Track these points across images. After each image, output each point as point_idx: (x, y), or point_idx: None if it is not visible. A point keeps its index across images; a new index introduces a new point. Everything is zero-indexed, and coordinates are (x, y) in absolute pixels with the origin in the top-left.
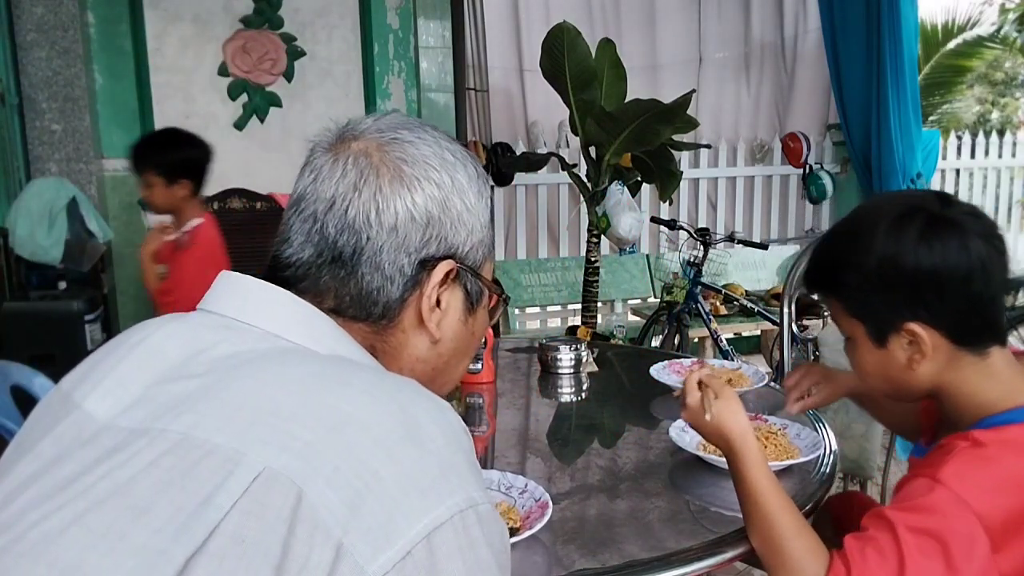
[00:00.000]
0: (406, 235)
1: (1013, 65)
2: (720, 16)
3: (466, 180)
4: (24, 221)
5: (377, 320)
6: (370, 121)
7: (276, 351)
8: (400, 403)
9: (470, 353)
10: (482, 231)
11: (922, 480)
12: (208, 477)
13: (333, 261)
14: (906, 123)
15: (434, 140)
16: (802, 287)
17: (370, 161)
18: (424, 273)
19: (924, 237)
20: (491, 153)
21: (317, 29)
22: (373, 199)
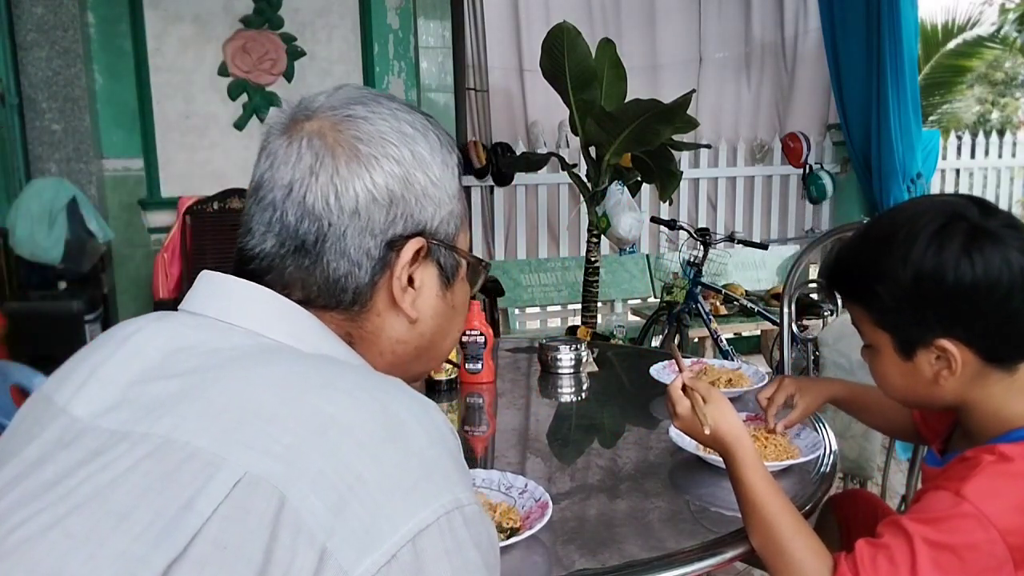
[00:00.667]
0: (369, 217)
1: (1013, 65)
2: (720, 16)
3: (428, 152)
4: (24, 221)
5: (349, 307)
6: (323, 98)
7: (259, 350)
8: (383, 404)
9: (456, 326)
10: (451, 202)
11: (944, 493)
12: (189, 481)
13: (296, 250)
14: (906, 123)
15: (390, 113)
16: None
17: (325, 142)
18: (392, 254)
19: (966, 251)
20: (491, 153)
21: (317, 29)
22: (331, 183)
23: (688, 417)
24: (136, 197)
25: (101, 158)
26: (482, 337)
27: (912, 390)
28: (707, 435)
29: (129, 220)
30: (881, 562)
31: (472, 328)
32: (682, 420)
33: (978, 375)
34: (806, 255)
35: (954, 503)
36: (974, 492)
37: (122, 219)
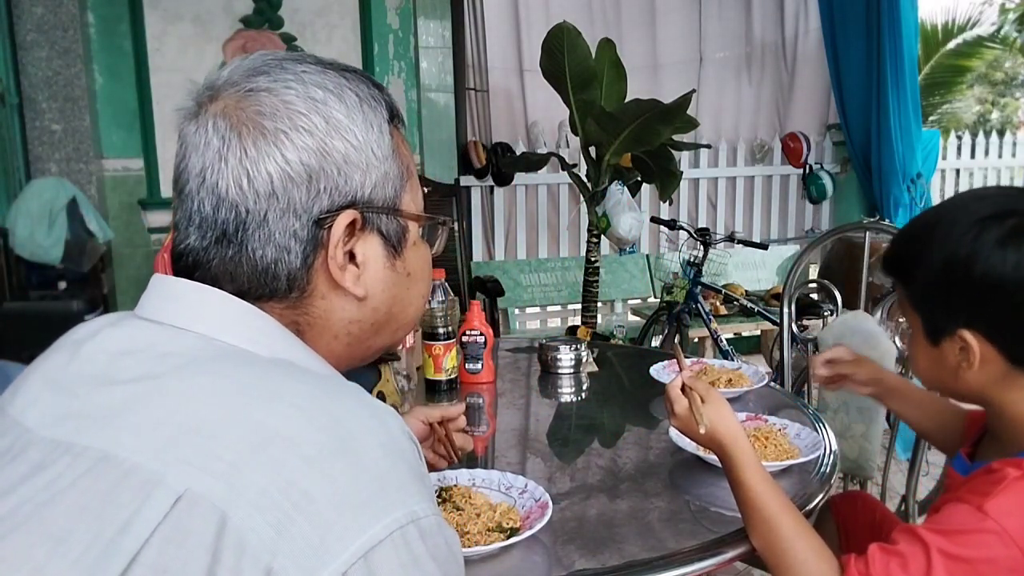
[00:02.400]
0: (288, 197)
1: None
2: (720, 16)
3: (345, 114)
4: (24, 221)
5: (286, 295)
6: (226, 73)
7: (209, 357)
8: (334, 416)
9: (416, 293)
10: (383, 164)
11: (966, 507)
12: (126, 501)
13: (218, 241)
14: (906, 123)
15: (296, 78)
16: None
17: (229, 123)
18: (323, 232)
19: (1002, 244)
20: (491, 153)
21: (317, 29)
22: (241, 166)
23: (685, 416)
24: (136, 197)
25: (101, 158)
26: (482, 337)
27: (937, 377)
28: (704, 436)
29: (129, 220)
30: (894, 569)
31: (472, 328)
32: (679, 420)
33: (1004, 377)
34: (806, 255)
35: (977, 519)
36: (997, 509)
37: (122, 219)
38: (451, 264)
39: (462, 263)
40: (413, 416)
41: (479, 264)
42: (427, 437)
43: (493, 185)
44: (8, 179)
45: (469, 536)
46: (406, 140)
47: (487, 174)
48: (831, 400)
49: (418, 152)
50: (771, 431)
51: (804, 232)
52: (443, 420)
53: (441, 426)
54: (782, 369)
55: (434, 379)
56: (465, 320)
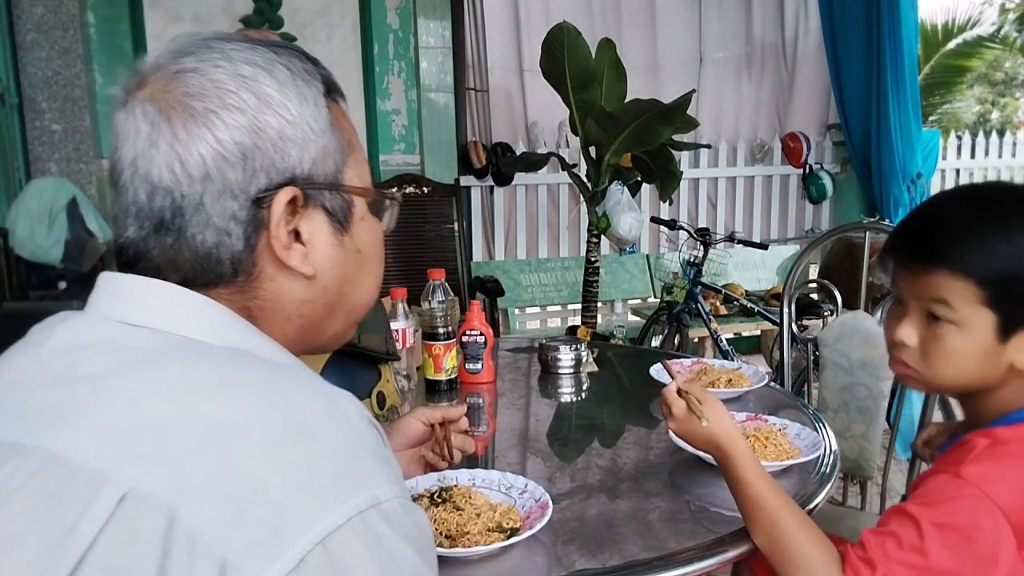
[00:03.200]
0: (224, 178)
1: (1013, 65)
2: (720, 16)
3: (276, 89)
4: (24, 221)
5: (233, 279)
6: (154, 58)
7: (161, 352)
8: (288, 403)
9: (369, 271)
10: (320, 138)
11: (944, 476)
12: (73, 501)
13: (157, 230)
14: (906, 123)
15: (223, 56)
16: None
17: (158, 107)
18: (263, 211)
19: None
20: (491, 153)
21: (317, 29)
22: (172, 150)
23: (684, 417)
24: None
25: (101, 158)
26: (482, 337)
27: (980, 372)
28: (702, 437)
29: None
30: (891, 547)
31: (472, 328)
32: (678, 421)
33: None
34: (806, 255)
35: (957, 485)
36: (974, 474)
37: None
38: (451, 264)
39: (462, 263)
40: (414, 416)
41: (479, 264)
42: (428, 438)
43: (493, 185)
44: (8, 179)
45: (469, 536)
46: (346, 114)
47: (487, 174)
48: (831, 400)
49: (418, 152)
50: (771, 431)
51: (804, 232)
52: (444, 421)
53: (442, 427)
54: (782, 369)
55: (434, 379)
56: (465, 320)
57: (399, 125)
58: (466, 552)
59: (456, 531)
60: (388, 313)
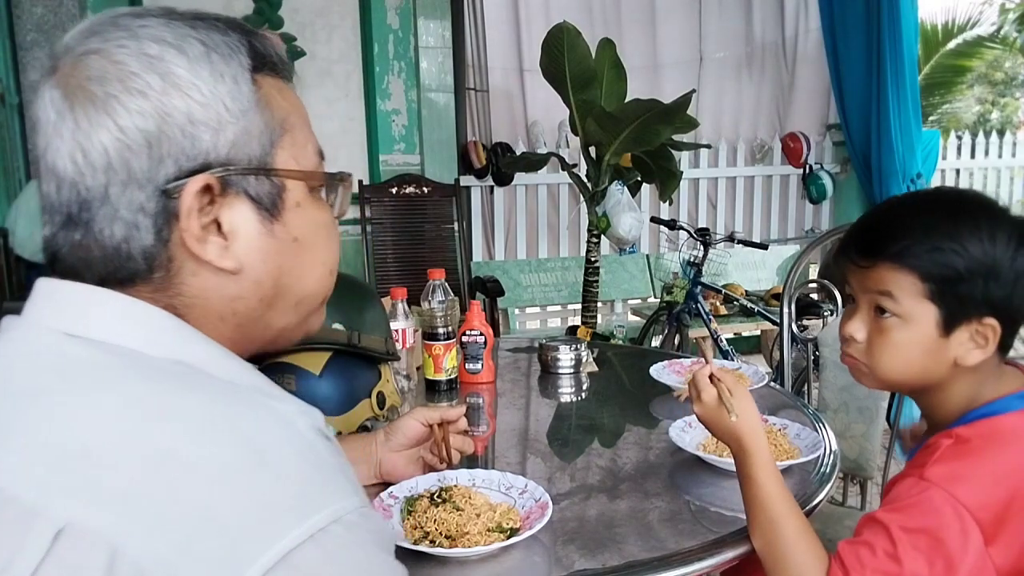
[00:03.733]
0: (128, 168)
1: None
2: (721, 16)
3: (187, 68)
4: (24, 221)
5: (150, 276)
6: (68, 36)
7: (97, 367)
8: (239, 430)
9: (312, 261)
10: (241, 119)
11: (910, 480)
12: (6, 537)
13: (65, 226)
14: (906, 123)
15: (129, 35)
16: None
17: (63, 93)
18: (172, 202)
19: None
20: (491, 153)
21: (317, 29)
22: (74, 140)
23: (713, 405)
24: None
25: None
26: (482, 337)
27: (923, 369)
28: (725, 429)
29: None
30: (865, 556)
31: (472, 328)
32: (705, 407)
33: (988, 364)
34: (806, 255)
35: (921, 488)
36: (938, 474)
37: None
38: (451, 264)
39: (462, 263)
40: (412, 417)
41: (479, 264)
42: (427, 438)
43: (493, 185)
44: (8, 179)
45: (469, 536)
46: (287, 90)
47: (487, 174)
48: (831, 400)
49: (418, 152)
50: (771, 431)
51: (804, 232)
52: (443, 422)
53: (440, 428)
54: (782, 369)
55: (434, 379)
56: (465, 320)
57: (399, 125)
58: (466, 552)
59: (456, 531)
60: (388, 313)
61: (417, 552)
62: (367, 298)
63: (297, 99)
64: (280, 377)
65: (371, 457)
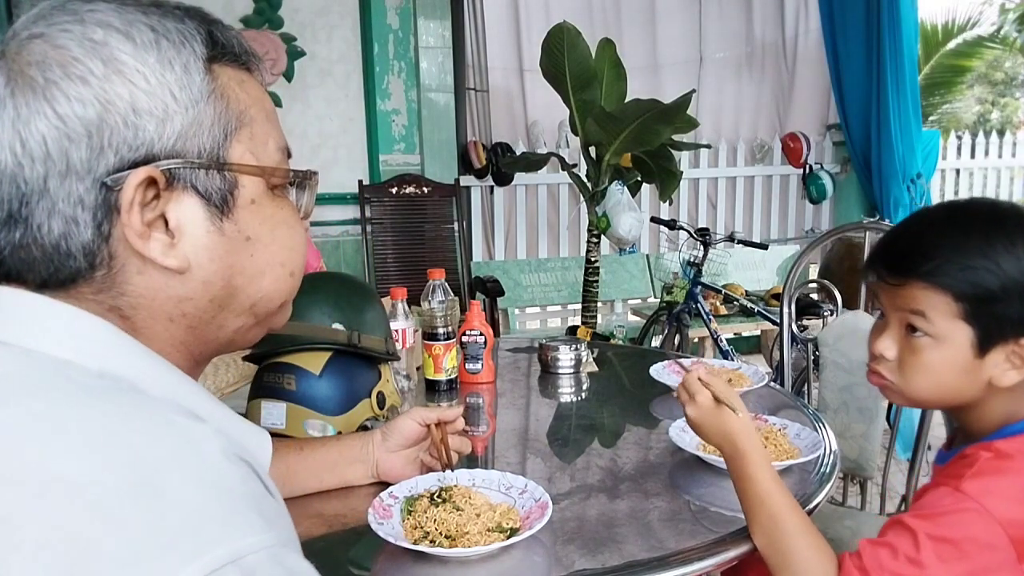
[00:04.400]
0: (66, 159)
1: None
2: (721, 16)
3: (131, 53)
4: None
5: (91, 275)
6: (15, 25)
7: (13, 376)
8: (132, 449)
9: (267, 261)
10: (189, 109)
11: (944, 489)
12: None
13: (5, 224)
14: (906, 123)
15: (75, 19)
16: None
17: (7, 78)
18: (113, 195)
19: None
20: (491, 153)
21: (317, 29)
22: (13, 129)
23: (709, 406)
24: None
25: None
26: (482, 337)
27: (956, 390)
28: (719, 429)
29: None
30: (885, 557)
31: (472, 328)
32: (700, 408)
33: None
34: (806, 255)
35: (956, 499)
36: (974, 487)
37: None
38: (451, 264)
39: (462, 263)
40: (410, 417)
41: (479, 264)
42: (424, 439)
43: (493, 185)
44: None
45: (469, 536)
46: (248, 82)
47: (487, 174)
48: (831, 400)
49: (418, 152)
50: (771, 431)
51: (804, 232)
52: (440, 422)
53: (438, 428)
54: (782, 369)
55: (434, 379)
56: (465, 320)
57: (399, 125)
58: (466, 552)
59: (456, 531)
60: (388, 313)
61: (417, 552)
62: (367, 298)
63: (261, 92)
64: (280, 377)
65: (368, 457)
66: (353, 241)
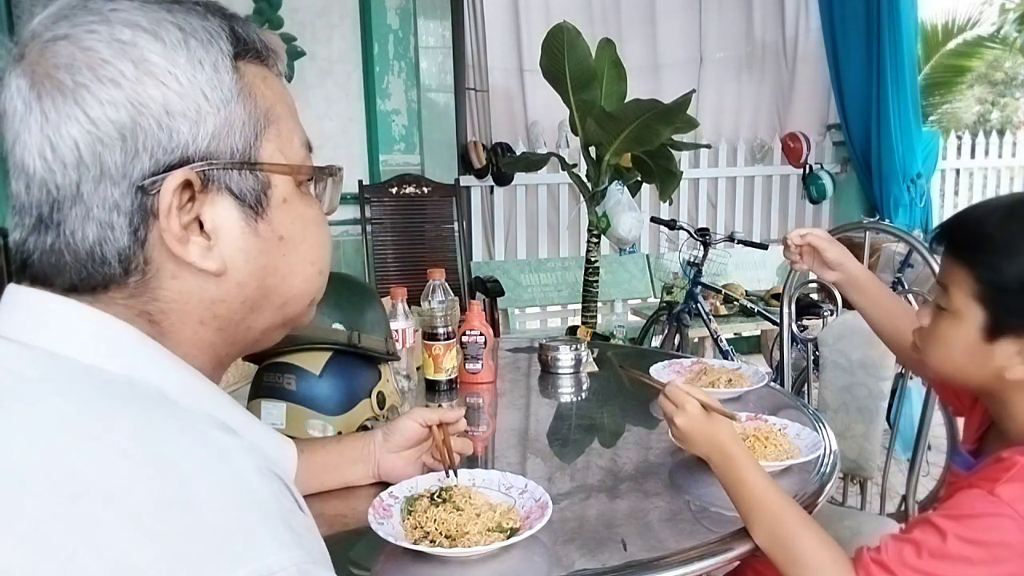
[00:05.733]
0: (100, 164)
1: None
2: (721, 16)
3: (161, 54)
4: None
5: (125, 280)
6: (35, 21)
7: (39, 382)
8: (164, 460)
9: (299, 260)
10: (222, 108)
11: (978, 492)
12: None
13: (36, 228)
14: (906, 123)
15: (100, 20)
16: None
17: (30, 82)
18: (150, 199)
19: None
20: (491, 153)
21: (317, 29)
22: (43, 134)
23: (699, 415)
24: None
25: None
26: (482, 337)
27: (966, 367)
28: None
29: None
30: (908, 554)
31: (472, 328)
32: (691, 416)
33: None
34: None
35: (990, 503)
36: (1010, 493)
37: None
38: (451, 264)
39: (462, 263)
40: (411, 418)
41: (479, 264)
42: (424, 439)
43: (493, 185)
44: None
45: (469, 536)
46: (273, 78)
47: (487, 174)
48: (831, 400)
49: (418, 152)
50: (771, 431)
51: None
52: (442, 423)
53: (440, 429)
54: (782, 369)
55: (434, 379)
56: (465, 320)
57: (399, 125)
58: (466, 552)
59: (456, 531)
60: (388, 313)
61: (417, 552)
62: (367, 298)
63: (283, 87)
64: (280, 377)
65: (370, 457)
66: (353, 241)
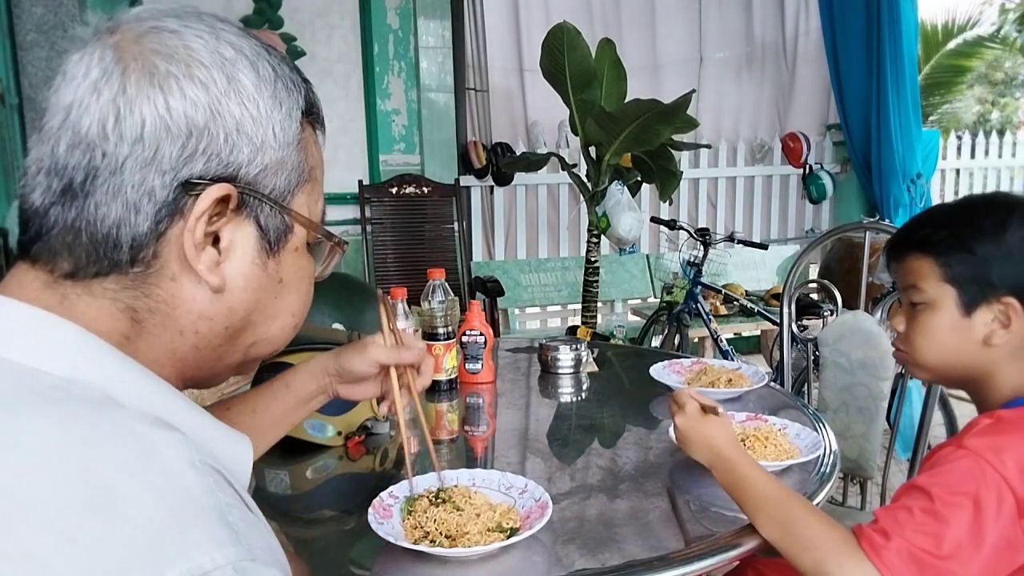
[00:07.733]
0: (157, 148)
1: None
2: (721, 16)
3: (253, 82)
4: None
5: (127, 269)
6: (136, 10)
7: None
8: (86, 462)
9: (286, 307)
10: (282, 150)
11: (948, 447)
12: None
13: (63, 195)
14: (906, 123)
15: (210, 30)
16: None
17: (119, 55)
18: (188, 199)
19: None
20: (491, 153)
21: (317, 29)
22: (113, 103)
23: (696, 415)
24: None
25: None
26: (482, 337)
27: (956, 349)
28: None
29: None
30: (902, 516)
31: (472, 328)
32: (688, 416)
33: (1020, 346)
34: (806, 255)
35: (960, 455)
36: (976, 444)
37: None
38: (451, 264)
39: (462, 263)
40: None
41: (479, 264)
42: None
43: (493, 185)
44: (8, 179)
45: (469, 536)
46: (319, 144)
47: (487, 174)
48: (831, 400)
49: (418, 152)
50: (771, 431)
51: (804, 232)
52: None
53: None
54: (782, 369)
55: (434, 379)
56: (465, 320)
57: (399, 125)
58: (466, 552)
59: (456, 531)
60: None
61: (417, 552)
62: (367, 298)
63: (322, 155)
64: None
65: (326, 390)
66: (353, 241)
